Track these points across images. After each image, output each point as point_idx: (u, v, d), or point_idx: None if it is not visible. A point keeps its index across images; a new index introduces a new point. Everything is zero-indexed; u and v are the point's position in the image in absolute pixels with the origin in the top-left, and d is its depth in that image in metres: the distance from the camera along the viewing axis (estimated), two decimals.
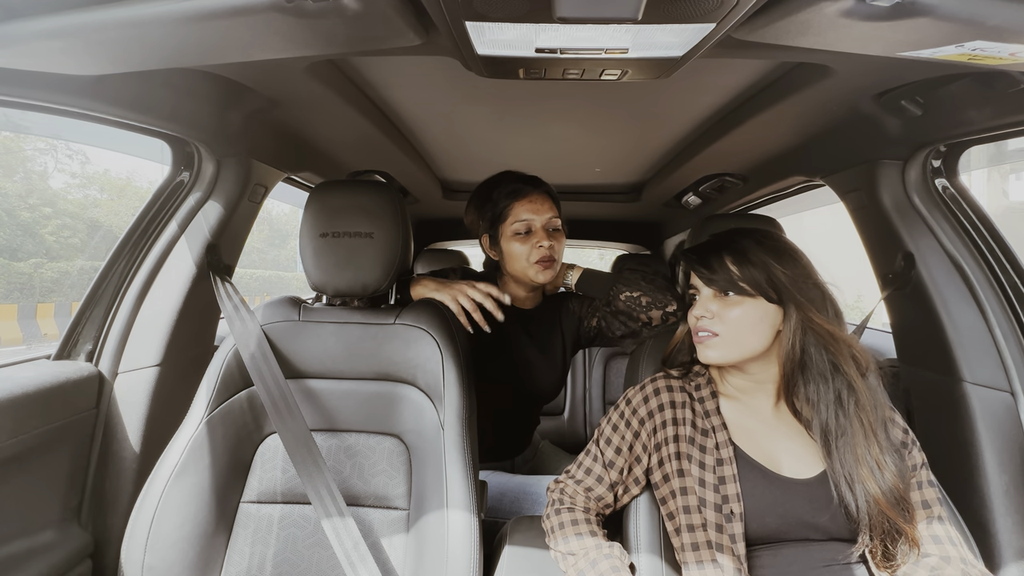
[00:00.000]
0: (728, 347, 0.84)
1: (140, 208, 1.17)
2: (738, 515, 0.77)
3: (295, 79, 0.99)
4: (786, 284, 0.82)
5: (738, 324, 0.83)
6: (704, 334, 0.86)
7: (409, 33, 0.70)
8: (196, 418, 0.96)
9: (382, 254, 1.02)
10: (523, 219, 1.22)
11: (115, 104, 0.89)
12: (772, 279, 0.83)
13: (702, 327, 0.86)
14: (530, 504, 1.28)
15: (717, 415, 0.86)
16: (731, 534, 0.77)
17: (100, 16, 0.59)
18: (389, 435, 1.01)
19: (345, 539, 0.88)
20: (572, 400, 2.30)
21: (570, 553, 0.85)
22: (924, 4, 0.53)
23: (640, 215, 2.42)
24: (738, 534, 0.77)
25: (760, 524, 0.78)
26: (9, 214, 9.57)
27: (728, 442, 0.83)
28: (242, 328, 1.02)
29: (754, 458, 0.82)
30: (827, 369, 0.82)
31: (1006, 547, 0.93)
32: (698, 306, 0.87)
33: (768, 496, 0.79)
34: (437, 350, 1.00)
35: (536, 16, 0.61)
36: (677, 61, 0.75)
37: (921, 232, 1.08)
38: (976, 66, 0.68)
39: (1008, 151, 6.45)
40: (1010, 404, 0.98)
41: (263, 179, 1.30)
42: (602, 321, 1.28)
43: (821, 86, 0.94)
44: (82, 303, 1.13)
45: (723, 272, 0.84)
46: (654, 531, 0.88)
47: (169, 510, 0.91)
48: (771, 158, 1.45)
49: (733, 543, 0.76)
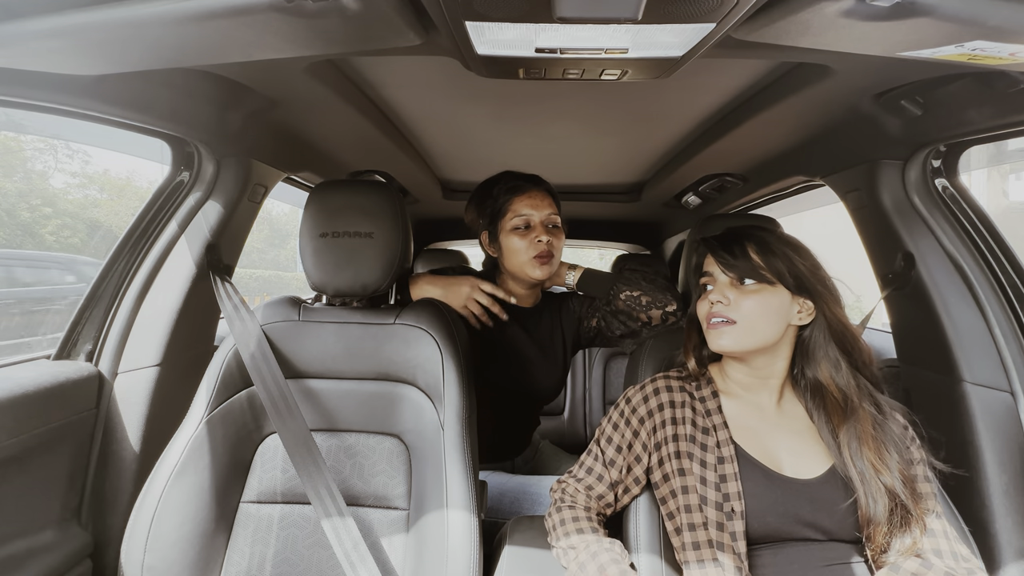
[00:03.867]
0: (742, 335, 0.83)
1: (140, 208, 1.17)
2: (739, 513, 0.77)
3: (295, 79, 0.99)
4: (806, 275, 0.84)
5: (754, 312, 0.83)
6: (719, 320, 0.84)
7: (409, 33, 0.70)
8: (196, 418, 0.96)
9: (382, 254, 1.02)
10: (522, 214, 1.23)
11: (115, 104, 0.89)
12: (793, 269, 0.83)
13: (718, 313, 0.85)
14: (530, 504, 1.28)
15: (718, 414, 0.86)
16: (732, 532, 0.77)
17: (100, 16, 0.59)
18: (389, 435, 1.01)
19: (345, 539, 0.88)
20: (572, 400, 2.30)
21: (571, 547, 0.85)
22: (924, 4, 0.52)
23: (640, 215, 2.42)
24: (739, 532, 0.76)
25: (761, 523, 0.78)
26: (9, 214, 9.57)
27: (729, 440, 0.83)
28: (242, 328, 1.02)
29: (755, 457, 0.82)
30: (837, 360, 0.84)
31: (1006, 547, 0.93)
32: (715, 292, 0.86)
33: (769, 495, 0.79)
34: (437, 350, 1.00)
35: (536, 16, 0.61)
36: (677, 61, 0.75)
37: (921, 232, 1.08)
38: (976, 66, 0.68)
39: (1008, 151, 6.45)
40: (1010, 404, 0.97)
41: (263, 179, 1.30)
42: (602, 321, 1.28)
43: (821, 86, 0.94)
44: (82, 303, 1.13)
45: (745, 259, 0.84)
46: (654, 531, 0.88)
47: (169, 510, 0.91)
48: (771, 158, 1.45)
49: (734, 541, 0.76)
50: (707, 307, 0.87)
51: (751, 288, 0.84)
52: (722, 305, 0.84)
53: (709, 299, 0.86)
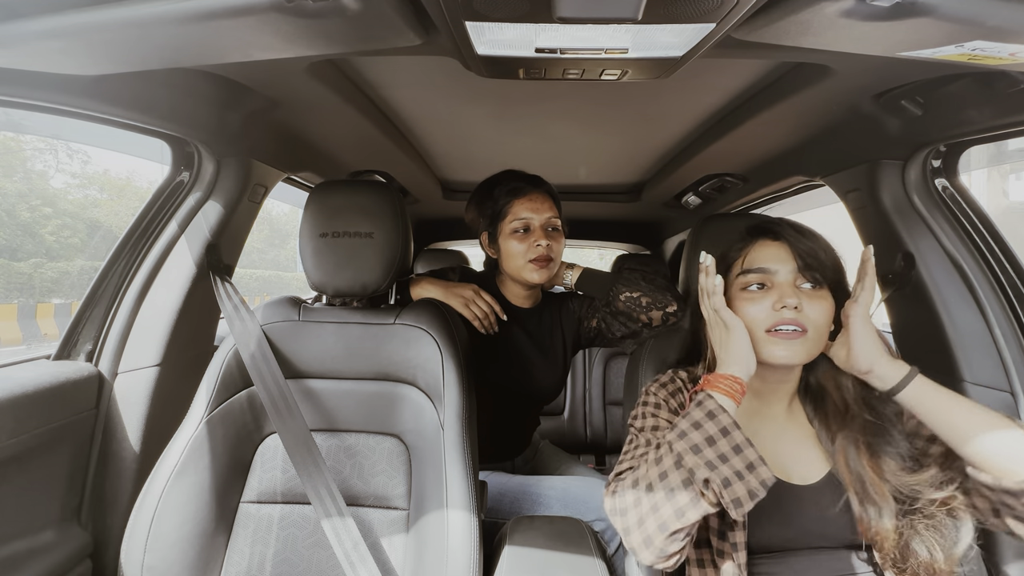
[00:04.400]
0: (812, 347, 0.73)
1: (140, 208, 1.17)
2: (741, 523, 0.74)
3: (295, 79, 0.99)
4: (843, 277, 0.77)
5: (821, 321, 0.73)
6: (791, 329, 0.72)
7: (409, 33, 0.70)
8: (196, 418, 0.96)
9: (382, 254, 1.02)
10: (522, 217, 1.23)
11: (115, 104, 0.89)
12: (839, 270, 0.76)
13: (789, 320, 0.72)
14: (530, 504, 1.27)
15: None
16: (733, 543, 0.74)
17: (100, 16, 0.59)
18: (389, 435, 1.01)
19: (345, 539, 0.88)
20: (572, 400, 2.30)
21: (657, 460, 0.69)
22: (924, 4, 0.52)
23: (640, 215, 2.42)
24: (740, 543, 0.74)
25: (764, 533, 0.75)
26: (9, 214, 9.57)
27: None
28: (242, 328, 1.02)
29: None
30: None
31: (1006, 547, 0.93)
32: (782, 293, 0.73)
33: (773, 504, 0.75)
34: (437, 350, 1.00)
35: (536, 16, 0.61)
36: (677, 61, 0.74)
37: (921, 232, 1.08)
38: (976, 66, 0.68)
39: (1008, 151, 6.45)
40: (1010, 404, 0.97)
41: (263, 179, 1.30)
42: (602, 322, 1.28)
43: (821, 86, 0.94)
44: (82, 303, 1.13)
45: (818, 257, 0.73)
46: None
47: (169, 510, 0.91)
48: (771, 158, 1.45)
49: (735, 552, 0.74)
50: (768, 311, 0.74)
51: (816, 292, 0.74)
52: (796, 311, 0.72)
53: (776, 302, 0.73)
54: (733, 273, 0.80)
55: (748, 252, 0.79)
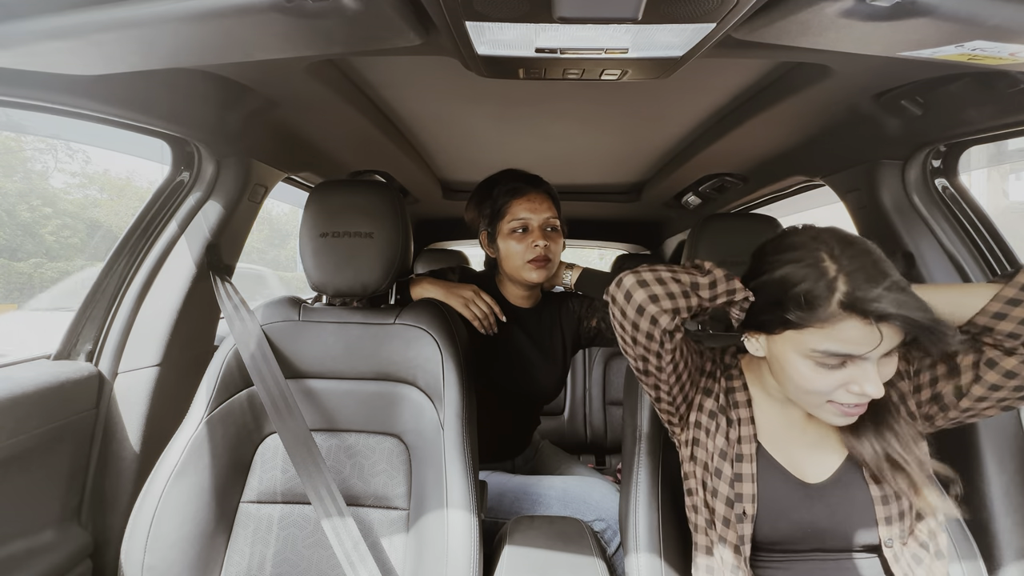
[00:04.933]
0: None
1: (140, 208, 1.17)
2: (750, 516, 0.74)
3: (295, 79, 0.99)
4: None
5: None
6: (859, 407, 0.70)
7: (409, 33, 0.70)
8: (196, 418, 0.96)
9: (382, 254, 1.02)
10: (520, 218, 1.23)
11: (115, 104, 0.89)
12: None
13: (864, 404, 0.69)
14: (530, 504, 1.27)
15: (747, 408, 0.81)
16: (741, 535, 0.74)
17: (100, 16, 0.59)
18: (389, 435, 1.01)
19: (345, 539, 0.88)
20: (572, 400, 2.30)
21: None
22: (924, 4, 0.53)
23: (640, 215, 2.42)
24: (746, 535, 0.74)
25: (773, 529, 0.75)
26: (9, 214, 9.57)
27: (752, 438, 0.78)
28: (242, 328, 1.02)
29: (778, 460, 0.78)
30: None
31: (1006, 547, 0.93)
32: (874, 377, 0.66)
33: (785, 501, 0.76)
34: (437, 350, 1.00)
35: (536, 16, 0.61)
36: (677, 61, 0.74)
37: (921, 232, 1.08)
38: (976, 66, 0.68)
39: (1008, 151, 6.45)
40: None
41: (263, 179, 1.30)
42: (602, 322, 1.28)
43: (821, 86, 0.94)
44: (82, 303, 1.13)
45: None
46: (653, 531, 0.88)
47: (169, 510, 0.91)
48: (771, 158, 1.45)
49: (741, 544, 0.74)
50: (848, 396, 0.68)
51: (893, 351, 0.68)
52: (876, 389, 0.66)
53: (868, 389, 0.66)
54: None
55: (846, 327, 0.67)
